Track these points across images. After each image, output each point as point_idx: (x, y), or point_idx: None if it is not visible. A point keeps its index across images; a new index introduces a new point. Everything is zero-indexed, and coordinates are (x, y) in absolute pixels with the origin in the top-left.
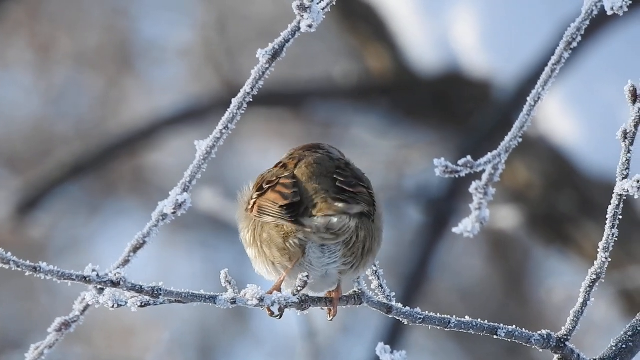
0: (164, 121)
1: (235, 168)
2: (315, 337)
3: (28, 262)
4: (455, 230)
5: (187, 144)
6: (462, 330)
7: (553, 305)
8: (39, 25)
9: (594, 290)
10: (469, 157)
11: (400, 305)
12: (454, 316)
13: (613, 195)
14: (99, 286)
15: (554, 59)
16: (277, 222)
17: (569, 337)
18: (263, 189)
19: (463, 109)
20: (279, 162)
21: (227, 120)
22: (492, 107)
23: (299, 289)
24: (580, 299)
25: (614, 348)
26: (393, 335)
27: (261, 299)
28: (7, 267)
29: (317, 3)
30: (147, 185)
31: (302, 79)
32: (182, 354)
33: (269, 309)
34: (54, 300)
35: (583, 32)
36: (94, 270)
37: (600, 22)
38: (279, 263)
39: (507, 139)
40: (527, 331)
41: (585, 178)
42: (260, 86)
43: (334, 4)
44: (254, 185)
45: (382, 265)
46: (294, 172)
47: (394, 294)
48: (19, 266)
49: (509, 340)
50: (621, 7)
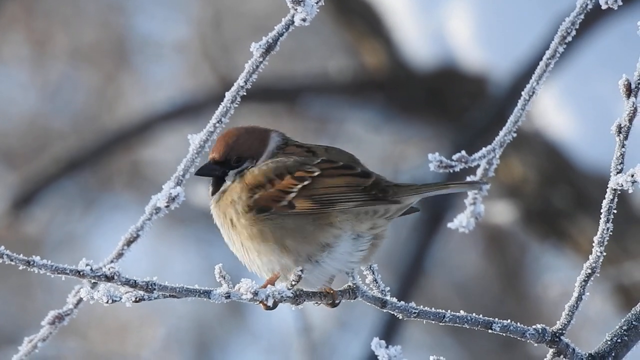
0: (159, 117)
1: None
2: (311, 332)
3: (21, 256)
4: (450, 225)
5: (183, 139)
6: (457, 325)
7: (549, 301)
8: (35, 21)
9: (589, 284)
10: (463, 152)
11: (394, 299)
12: (449, 311)
13: (607, 190)
14: (93, 280)
15: (548, 53)
16: (364, 206)
17: (563, 332)
18: (304, 179)
19: (458, 104)
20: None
21: (220, 114)
22: (487, 102)
23: (293, 283)
24: (575, 293)
25: (609, 342)
26: (389, 330)
27: (255, 293)
28: (0, 261)
29: None
30: (143, 180)
31: (297, 74)
32: (178, 349)
33: (263, 303)
34: (49, 296)
35: (578, 27)
36: (87, 265)
37: (594, 16)
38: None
39: (501, 133)
40: (522, 325)
41: (580, 173)
42: (254, 80)
43: None
44: (273, 182)
45: (377, 260)
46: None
47: (388, 288)
48: (12, 260)
49: (504, 334)
50: (615, 1)
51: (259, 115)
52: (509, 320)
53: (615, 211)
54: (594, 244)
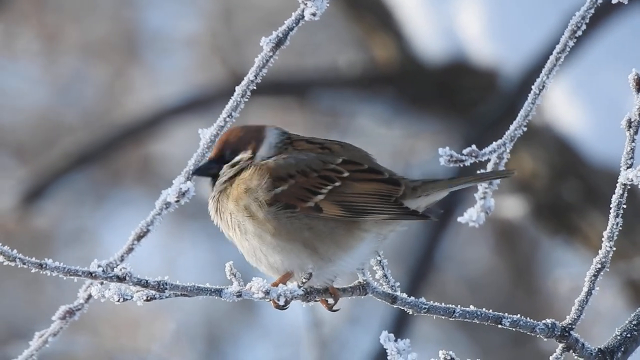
0: (169, 111)
1: None
2: (321, 328)
3: (34, 259)
4: (460, 219)
5: (193, 133)
6: (467, 320)
7: (560, 296)
8: (46, 15)
9: (598, 279)
10: (473, 146)
11: (405, 295)
12: (459, 306)
13: (617, 185)
14: (105, 282)
15: (558, 47)
16: (396, 219)
17: (573, 326)
18: (333, 180)
19: (468, 98)
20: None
21: (230, 108)
22: (497, 96)
23: (304, 280)
24: (585, 288)
25: (618, 337)
26: (399, 326)
27: (267, 292)
28: (13, 264)
29: None
30: (153, 175)
31: (307, 68)
32: (188, 344)
33: (274, 302)
34: (60, 291)
35: (588, 21)
36: (99, 266)
37: (605, 10)
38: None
39: (512, 128)
40: (532, 320)
41: (591, 167)
42: (264, 74)
43: None
44: (298, 182)
45: (387, 256)
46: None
47: (398, 284)
48: (24, 263)
49: (514, 329)
50: None
51: (270, 109)
52: (518, 315)
53: (625, 206)
54: (603, 239)
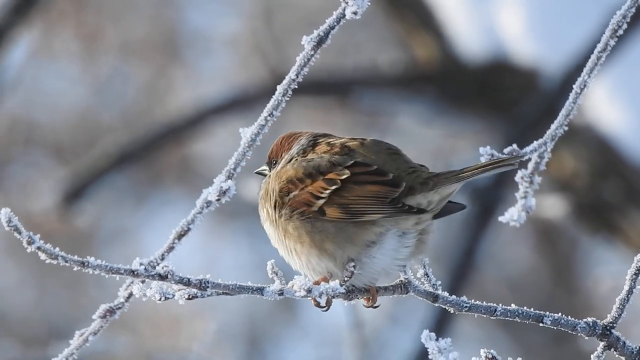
0: (210, 110)
1: None
2: (362, 327)
3: (76, 257)
4: (501, 219)
5: (234, 133)
6: (508, 319)
7: (601, 295)
8: (85, 15)
9: (639, 278)
10: (514, 146)
11: (446, 294)
12: (500, 304)
13: None
14: (146, 280)
15: (599, 46)
16: (391, 217)
17: (614, 325)
18: (334, 182)
19: (509, 97)
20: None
21: (271, 107)
22: (538, 95)
23: (345, 279)
24: (626, 287)
25: None
26: (440, 324)
27: (309, 290)
28: (55, 262)
29: None
30: (194, 175)
31: (348, 68)
32: (229, 343)
33: (314, 300)
34: (100, 290)
35: (629, 20)
36: (141, 264)
37: None
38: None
39: (552, 127)
40: (573, 319)
41: (631, 166)
42: (305, 73)
43: None
44: (304, 184)
45: (428, 255)
46: (358, 155)
47: (439, 282)
48: (67, 261)
49: (555, 328)
50: None
51: (311, 108)
52: (559, 314)
53: None
54: None
